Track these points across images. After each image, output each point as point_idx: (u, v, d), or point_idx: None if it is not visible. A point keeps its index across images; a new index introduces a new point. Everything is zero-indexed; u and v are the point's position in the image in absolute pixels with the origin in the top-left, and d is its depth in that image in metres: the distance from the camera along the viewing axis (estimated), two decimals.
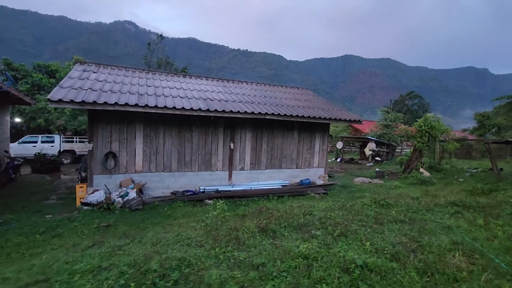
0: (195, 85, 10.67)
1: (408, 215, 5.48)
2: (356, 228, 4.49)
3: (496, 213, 5.63)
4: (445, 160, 14.00)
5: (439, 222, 5.09)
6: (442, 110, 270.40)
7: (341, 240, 3.96)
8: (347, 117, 10.84)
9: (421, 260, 3.24)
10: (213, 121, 9.27)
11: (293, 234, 4.27)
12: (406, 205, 6.15)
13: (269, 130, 10.34)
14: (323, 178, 11.52)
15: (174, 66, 24.07)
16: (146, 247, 3.85)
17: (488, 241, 4.11)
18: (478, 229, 4.69)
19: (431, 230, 4.55)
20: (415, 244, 3.80)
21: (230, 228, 4.41)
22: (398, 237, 4.10)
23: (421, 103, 55.19)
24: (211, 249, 3.56)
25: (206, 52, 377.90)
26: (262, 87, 12.95)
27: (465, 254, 3.49)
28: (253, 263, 3.11)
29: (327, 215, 5.38)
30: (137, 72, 10.70)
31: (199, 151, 9.29)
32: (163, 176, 8.82)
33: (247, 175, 10.12)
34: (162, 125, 8.70)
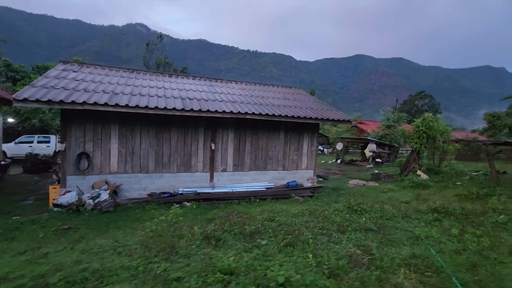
0: (179, 84, 10.44)
1: (379, 222, 5.04)
2: (311, 237, 4.11)
3: (479, 222, 5.11)
4: (445, 162, 13.28)
5: (410, 230, 4.63)
6: (457, 110, 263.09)
7: (284, 251, 3.59)
8: (335, 117, 10.37)
9: (361, 278, 2.83)
10: (193, 121, 9.00)
11: (238, 243, 3.93)
12: (381, 211, 5.69)
13: (253, 130, 9.99)
14: (312, 180, 11.08)
15: (173, 67, 24.03)
16: (74, 255, 3.58)
17: (456, 255, 3.65)
18: (451, 239, 4.22)
19: (395, 240, 4.12)
20: (367, 257, 3.39)
21: (174, 235, 4.11)
22: (353, 248, 3.69)
23: (431, 103, 53.55)
24: (138, 259, 3.25)
25: (216, 53, 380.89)
26: (251, 86, 12.62)
27: (419, 271, 3.06)
28: (169, 277, 2.79)
29: (289, 221, 5.01)
30: (120, 71, 10.57)
31: (178, 151, 9.03)
32: (139, 177, 8.61)
33: (229, 177, 9.80)
34: (139, 125, 8.49)
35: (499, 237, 4.27)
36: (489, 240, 4.08)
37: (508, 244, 3.92)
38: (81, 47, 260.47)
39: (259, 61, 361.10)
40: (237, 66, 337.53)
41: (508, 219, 5.07)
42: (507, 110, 23.30)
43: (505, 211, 5.51)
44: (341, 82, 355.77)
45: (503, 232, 4.56)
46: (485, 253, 3.67)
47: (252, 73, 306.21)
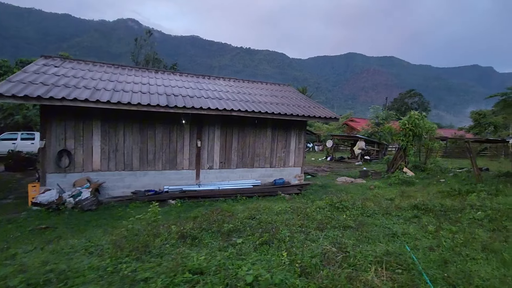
0: (165, 81, 10.28)
1: (359, 219, 5.06)
2: (289, 235, 4.09)
3: (457, 218, 5.19)
4: (431, 160, 13.49)
5: (388, 227, 4.66)
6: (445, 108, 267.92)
7: (260, 250, 3.57)
8: (323, 114, 10.38)
9: (331, 276, 2.82)
10: (178, 117, 8.88)
11: (214, 242, 3.88)
12: (362, 208, 5.72)
13: (240, 127, 9.93)
14: (299, 177, 11.11)
15: (163, 63, 23.68)
16: (43, 255, 3.48)
17: (429, 251, 3.69)
18: (426, 236, 4.26)
19: (372, 238, 4.14)
20: (341, 254, 3.39)
21: (150, 234, 4.03)
22: (328, 246, 3.69)
23: (420, 101, 54.34)
24: (107, 259, 3.18)
25: (209, 50, 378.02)
26: (239, 83, 12.53)
27: (390, 268, 3.07)
28: (136, 278, 2.72)
29: (270, 219, 4.98)
30: (104, 67, 10.34)
31: (163, 149, 8.91)
32: (123, 175, 8.47)
33: (216, 175, 9.74)
34: (122, 122, 8.33)
35: (474, 234, 4.34)
36: (463, 237, 4.13)
37: (482, 241, 3.98)
38: (71, 42, 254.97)
39: (252, 58, 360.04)
40: (230, 63, 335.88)
41: (485, 216, 5.16)
42: (492, 109, 23.80)
43: (482, 207, 5.61)
44: (334, 80, 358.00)
45: (478, 228, 4.63)
46: (458, 249, 3.71)
47: (246, 71, 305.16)
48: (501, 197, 6.76)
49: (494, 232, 4.47)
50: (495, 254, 3.57)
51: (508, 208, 5.53)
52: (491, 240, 4.03)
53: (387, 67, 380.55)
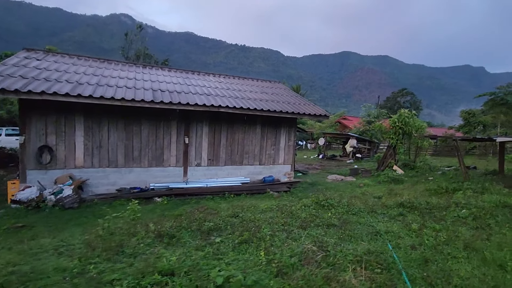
0: (152, 76, 10.06)
1: (344, 217, 5.00)
2: (270, 233, 3.99)
3: (441, 216, 5.16)
4: (420, 158, 13.56)
5: (372, 226, 4.60)
6: (437, 107, 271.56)
7: (238, 249, 3.46)
8: (312, 111, 10.31)
9: (308, 276, 2.73)
10: (165, 113, 8.69)
11: (192, 241, 3.75)
12: (348, 206, 5.66)
13: (229, 124, 9.79)
14: (289, 175, 11.03)
15: (154, 58, 23.31)
16: (9, 256, 3.30)
17: (411, 250, 3.63)
18: (410, 234, 4.21)
19: (354, 236, 4.07)
20: (321, 254, 3.30)
21: (127, 233, 3.89)
22: (309, 245, 3.60)
23: (413, 100, 54.88)
24: (76, 260, 3.03)
25: (203, 46, 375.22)
26: (229, 79, 12.37)
27: (370, 267, 2.99)
28: (102, 280, 2.59)
29: (253, 217, 4.88)
30: (90, 61, 10.06)
31: (149, 145, 8.72)
32: (107, 172, 8.26)
33: (204, 172, 9.59)
34: (106, 117, 8.11)
35: (457, 232, 4.30)
36: (446, 235, 4.10)
37: (464, 239, 3.94)
38: (62, 36, 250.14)
39: (247, 55, 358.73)
40: (225, 61, 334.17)
41: (469, 214, 5.14)
42: (482, 108, 24.12)
43: (467, 205, 5.60)
44: (328, 78, 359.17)
45: (462, 226, 4.61)
46: (440, 247, 3.66)
47: (240, 68, 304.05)
48: (486, 195, 6.77)
49: (477, 230, 4.45)
50: (476, 252, 3.53)
51: (492, 206, 5.53)
52: (473, 238, 4.00)
53: (381, 66, 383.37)
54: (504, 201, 5.76)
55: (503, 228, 4.52)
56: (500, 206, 5.59)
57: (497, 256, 3.37)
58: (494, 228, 4.50)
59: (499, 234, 4.25)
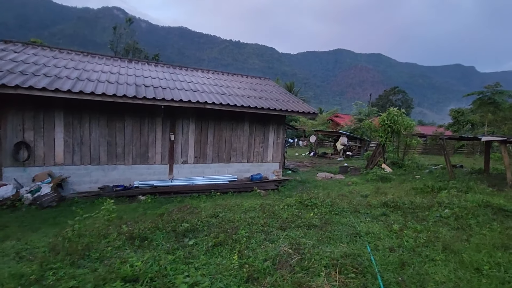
0: (138, 70, 9.80)
1: (326, 217, 4.91)
2: (247, 235, 3.87)
3: (424, 216, 5.13)
4: (408, 156, 13.64)
5: (354, 226, 4.53)
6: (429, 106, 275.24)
7: (211, 252, 3.33)
8: (301, 109, 10.21)
9: (279, 282, 2.62)
10: (149, 110, 8.47)
11: (165, 243, 3.61)
12: (332, 206, 5.58)
13: (216, 121, 9.62)
14: (277, 173, 10.94)
15: (144, 53, 22.83)
16: None
17: (390, 252, 3.56)
18: (390, 235, 4.15)
19: (334, 238, 3.98)
20: (297, 257, 3.20)
21: (97, 235, 3.72)
22: (286, 247, 3.49)
23: (404, 99, 55.35)
24: (36, 265, 2.85)
25: (197, 42, 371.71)
26: (218, 75, 12.16)
27: (345, 271, 2.90)
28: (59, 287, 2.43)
29: (233, 217, 4.76)
30: (72, 54, 9.74)
31: (134, 142, 8.50)
32: (90, 170, 8.03)
33: (191, 169, 9.42)
34: (88, 113, 7.85)
35: (438, 232, 4.26)
36: (426, 236, 4.05)
37: (444, 240, 3.89)
38: (52, 29, 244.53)
39: (241, 51, 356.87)
40: (219, 56, 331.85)
41: (451, 213, 5.12)
42: (471, 107, 24.46)
43: (450, 205, 5.58)
44: (322, 75, 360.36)
45: (443, 227, 4.57)
46: (419, 249, 3.60)
47: (234, 64, 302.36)
48: (470, 194, 6.78)
49: (458, 231, 4.42)
50: (454, 255, 3.48)
51: (475, 206, 5.52)
52: (453, 240, 3.96)
53: (374, 64, 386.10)
54: (486, 201, 5.76)
55: (484, 228, 4.50)
56: (483, 206, 5.58)
57: (475, 259, 3.32)
58: (475, 229, 4.47)
59: (479, 235, 4.22)
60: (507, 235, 4.17)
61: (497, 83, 19.61)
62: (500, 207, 5.49)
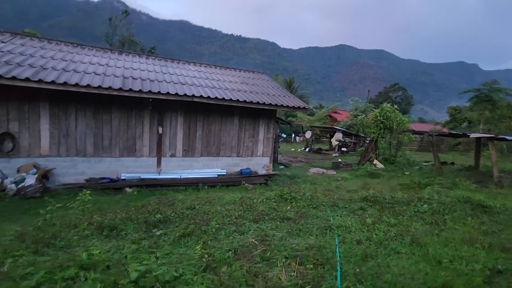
0: (127, 63, 9.75)
1: (303, 211, 4.93)
2: (218, 226, 3.89)
3: (401, 211, 5.14)
4: (400, 152, 13.63)
5: (329, 220, 4.54)
6: (430, 103, 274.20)
7: (177, 242, 3.36)
8: (291, 103, 10.18)
9: (236, 271, 2.64)
10: (137, 102, 8.45)
11: (135, 233, 3.63)
12: (311, 199, 5.60)
13: (205, 115, 9.60)
14: (267, 168, 10.95)
15: (140, 45, 22.69)
16: None
17: (356, 245, 3.57)
18: (361, 229, 4.16)
19: (305, 230, 4.00)
20: (261, 248, 3.21)
21: (67, 225, 3.74)
22: (254, 238, 3.51)
23: (404, 96, 55.13)
24: None
25: (198, 36, 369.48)
26: (210, 69, 12.10)
27: (307, 262, 2.92)
28: (13, 274, 2.45)
29: (210, 209, 4.78)
30: (61, 45, 9.68)
31: (121, 135, 8.50)
32: (76, 161, 8.04)
33: (179, 163, 9.43)
34: (74, 105, 7.84)
35: (411, 226, 4.28)
36: (397, 230, 4.06)
37: (414, 234, 3.90)
38: (51, 21, 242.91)
39: (242, 46, 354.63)
40: (220, 51, 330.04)
41: (429, 209, 5.13)
42: (469, 104, 24.32)
43: (430, 200, 5.59)
44: (324, 71, 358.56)
45: (418, 221, 4.58)
46: (386, 243, 3.62)
47: (235, 59, 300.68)
48: (454, 190, 6.80)
49: (431, 225, 4.43)
50: (421, 248, 3.49)
51: (454, 201, 5.53)
52: (423, 233, 3.97)
53: (377, 60, 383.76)
54: (467, 197, 5.77)
55: (457, 223, 4.51)
56: (462, 201, 5.60)
57: (439, 252, 3.34)
58: (449, 224, 4.49)
59: (452, 230, 4.23)
60: (478, 230, 4.19)
61: (494, 81, 19.47)
62: (479, 203, 5.51)
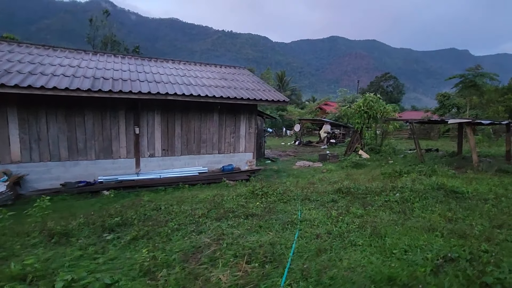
0: (101, 63, 9.52)
1: (271, 206, 4.83)
2: (177, 227, 3.78)
3: (373, 201, 5.08)
4: (385, 141, 13.58)
5: (295, 214, 4.46)
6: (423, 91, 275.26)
7: (127, 246, 3.24)
8: (270, 97, 10.03)
9: (176, 274, 2.53)
10: (110, 103, 8.26)
11: (86, 239, 3.51)
12: (283, 194, 5.51)
13: (183, 112, 9.44)
14: (250, 163, 10.85)
15: (124, 45, 22.30)
16: None
17: (316, 239, 3.49)
18: (326, 222, 4.07)
19: (266, 226, 3.91)
20: (213, 248, 3.11)
21: (19, 233, 3.61)
22: (208, 238, 3.40)
23: (395, 84, 55.12)
24: None
25: (189, 33, 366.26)
26: (189, 66, 11.90)
27: (256, 260, 2.83)
28: None
29: (176, 209, 4.66)
30: (32, 48, 9.43)
31: (96, 137, 8.32)
32: (50, 166, 7.86)
33: (159, 163, 9.29)
34: (44, 109, 7.64)
35: (377, 217, 4.20)
36: (361, 221, 3.98)
37: (377, 225, 3.82)
38: (40, 24, 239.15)
39: (234, 42, 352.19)
40: (212, 48, 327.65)
41: (400, 197, 5.07)
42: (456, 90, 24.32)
43: (403, 189, 5.53)
44: (317, 64, 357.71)
45: (386, 211, 4.50)
46: (346, 235, 3.53)
47: (228, 55, 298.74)
48: (432, 177, 6.74)
49: (398, 214, 4.36)
50: (379, 239, 3.41)
51: (427, 189, 5.47)
52: (388, 223, 3.90)
53: (369, 50, 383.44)
54: (441, 183, 5.71)
55: (426, 211, 4.45)
56: (436, 188, 5.54)
57: (397, 242, 3.26)
58: (417, 212, 4.42)
59: (418, 218, 4.16)
60: (444, 217, 4.12)
61: (478, 66, 19.44)
62: (452, 189, 5.45)
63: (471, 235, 3.39)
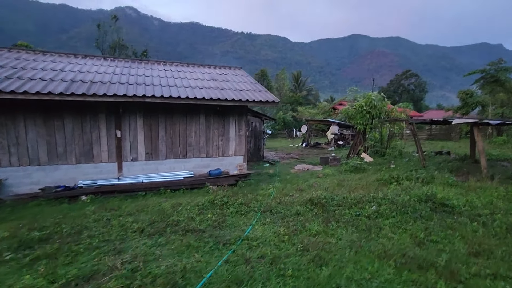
0: (87, 66, 9.46)
1: (223, 219, 4.31)
2: (95, 244, 3.37)
3: (342, 215, 4.40)
4: (393, 143, 12.50)
5: (243, 230, 3.91)
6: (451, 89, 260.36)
7: (25, 268, 2.86)
8: (258, 98, 9.48)
9: None
10: (89, 106, 8.11)
11: None
12: (242, 205, 4.96)
13: (167, 115, 9.13)
14: (240, 167, 10.34)
15: (132, 49, 22.65)
16: None
17: (243, 264, 2.93)
18: (270, 242, 3.48)
19: (196, 246, 3.40)
20: (115, 273, 2.66)
21: None
22: (121, 260, 2.96)
23: (417, 82, 52.21)
24: None
25: (209, 36, 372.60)
26: (180, 67, 11.63)
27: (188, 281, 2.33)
28: None
29: (115, 222, 4.27)
30: (22, 52, 9.55)
31: (76, 141, 8.20)
32: (29, 171, 7.82)
33: (142, 167, 9.03)
34: (21, 113, 7.60)
35: (334, 236, 3.56)
36: (312, 241, 3.36)
37: (324, 249, 3.19)
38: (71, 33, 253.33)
39: (253, 43, 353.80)
40: (232, 50, 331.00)
41: (376, 211, 4.35)
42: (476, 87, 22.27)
43: (383, 200, 4.79)
44: (337, 63, 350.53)
45: (349, 228, 3.83)
46: (280, 261, 2.94)
47: (247, 56, 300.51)
48: (428, 185, 5.92)
49: (362, 233, 3.68)
50: (317, 269, 2.79)
51: (412, 201, 4.70)
52: (342, 246, 3.25)
53: (392, 48, 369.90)
54: (431, 194, 4.90)
55: (397, 229, 3.73)
56: (423, 200, 4.75)
57: (336, 274, 2.63)
58: (385, 230, 3.71)
59: (384, 239, 3.47)
60: (414, 239, 3.40)
61: (500, 59, 17.54)
62: (442, 202, 4.65)
63: (434, 265, 2.68)
